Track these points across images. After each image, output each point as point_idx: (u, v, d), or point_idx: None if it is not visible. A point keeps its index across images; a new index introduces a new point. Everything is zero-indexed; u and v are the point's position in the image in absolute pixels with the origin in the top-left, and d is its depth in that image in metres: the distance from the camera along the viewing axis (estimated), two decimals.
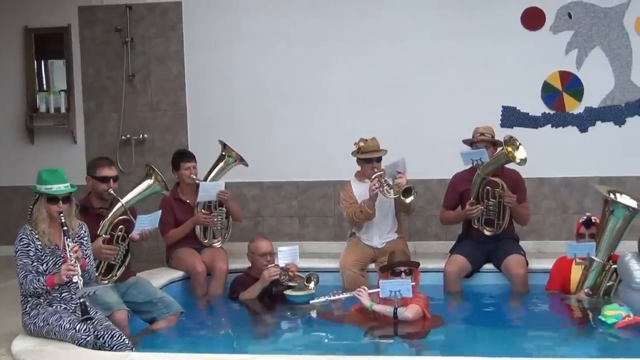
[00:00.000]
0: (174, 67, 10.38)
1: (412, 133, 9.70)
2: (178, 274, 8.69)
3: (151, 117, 10.44)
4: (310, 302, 7.72)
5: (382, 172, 8.43)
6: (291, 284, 8.19)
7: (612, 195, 7.85)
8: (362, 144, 8.63)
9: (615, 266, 7.71)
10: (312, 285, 8.08)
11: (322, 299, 7.67)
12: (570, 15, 9.73)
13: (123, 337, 6.31)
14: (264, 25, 10.17)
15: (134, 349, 6.32)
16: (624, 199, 7.81)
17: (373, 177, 8.42)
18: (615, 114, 9.72)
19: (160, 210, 7.79)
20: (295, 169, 10.11)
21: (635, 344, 6.74)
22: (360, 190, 8.68)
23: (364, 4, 10.01)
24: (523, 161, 8.18)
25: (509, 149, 8.16)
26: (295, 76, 10.12)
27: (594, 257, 7.83)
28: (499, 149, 8.38)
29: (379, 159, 8.62)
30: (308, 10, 10.10)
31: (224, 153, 9.02)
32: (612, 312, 7.02)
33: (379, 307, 7.29)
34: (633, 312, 7.01)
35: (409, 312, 7.20)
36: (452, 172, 8.86)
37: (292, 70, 10.12)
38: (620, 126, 9.74)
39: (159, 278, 8.34)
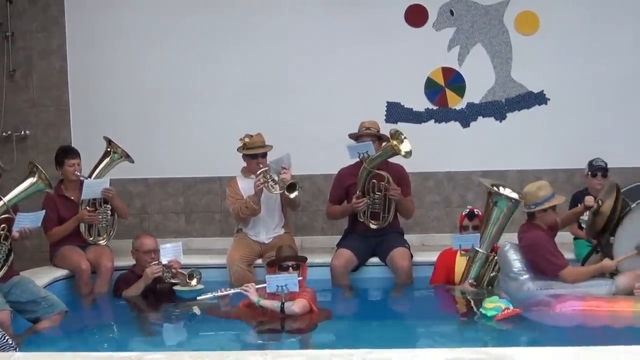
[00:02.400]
0: (56, 62, 10.17)
1: (297, 129, 9.72)
2: (62, 272, 8.56)
3: (33, 113, 10.21)
4: (197, 298, 7.66)
5: (267, 168, 8.46)
6: (174, 281, 8.13)
7: (495, 188, 8.06)
8: (247, 139, 8.64)
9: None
10: (194, 282, 8.04)
11: (209, 295, 7.61)
12: (452, 13, 9.90)
13: (6, 337, 6.16)
14: (148, 21, 10.06)
15: (17, 349, 6.17)
16: (507, 192, 8.04)
17: (258, 172, 8.44)
18: (496, 109, 9.93)
19: (44, 211, 7.65)
20: (181, 165, 10.03)
21: (515, 334, 6.92)
22: (245, 186, 8.69)
23: (250, 2, 9.98)
24: (408, 154, 8.31)
25: (395, 142, 8.29)
26: (180, 72, 10.03)
27: (478, 249, 8.03)
28: (384, 143, 8.50)
29: (264, 155, 8.65)
30: (192, 7, 10.01)
31: (109, 149, 8.91)
32: (492, 305, 7.15)
33: (266, 303, 7.29)
34: (512, 303, 7.18)
35: (296, 306, 7.22)
36: (337, 167, 8.95)
37: (176, 66, 10.03)
38: (501, 121, 9.95)
39: (42, 277, 8.20)
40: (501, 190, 8.08)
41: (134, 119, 10.03)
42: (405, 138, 8.31)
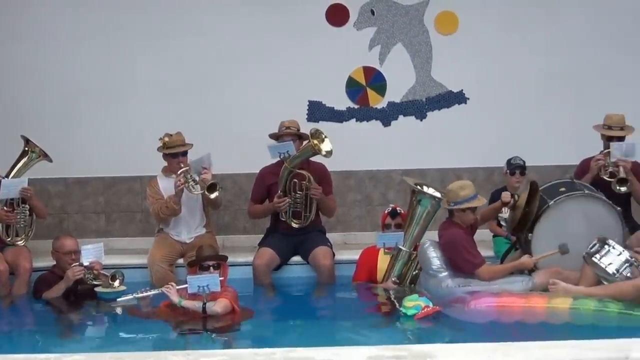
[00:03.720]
0: None
1: (218, 128, 9.69)
2: None
3: None
4: (117, 300, 7.61)
5: (187, 168, 8.43)
6: (96, 282, 8.05)
7: (419, 187, 8.15)
8: (167, 139, 8.60)
9: None
10: (116, 283, 7.96)
11: (129, 296, 7.57)
12: (373, 12, 9.95)
13: None
14: (68, 19, 9.90)
15: None
16: (431, 190, 8.15)
17: (179, 172, 8.41)
18: (416, 108, 10.01)
19: None
20: (101, 164, 9.89)
21: (436, 331, 6.99)
22: (166, 186, 8.64)
23: None
24: (329, 153, 8.36)
25: (315, 141, 8.33)
26: (99, 71, 9.90)
27: (401, 247, 8.10)
28: (304, 142, 8.53)
29: (184, 154, 8.62)
30: (113, 5, 9.89)
31: (27, 149, 8.78)
32: (412, 303, 7.22)
33: (187, 303, 7.26)
34: (432, 301, 7.26)
35: (218, 306, 7.21)
36: (259, 166, 8.96)
37: (96, 64, 9.90)
38: (421, 120, 10.04)
39: None
40: (425, 189, 8.19)
41: (52, 117, 9.87)
42: (325, 137, 8.36)
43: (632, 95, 9.71)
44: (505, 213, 8.46)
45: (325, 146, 8.36)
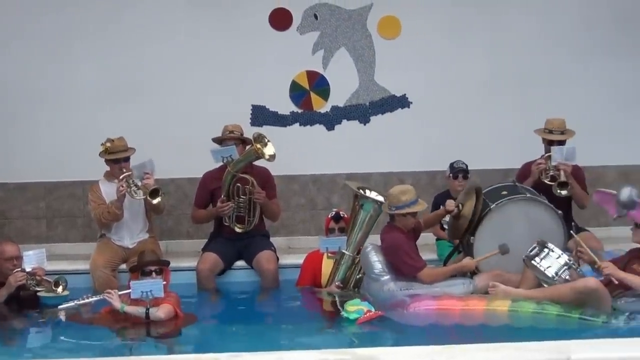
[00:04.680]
0: None
1: (161, 132, 9.64)
2: None
3: None
4: (59, 307, 7.52)
5: (129, 173, 8.37)
6: (39, 288, 7.94)
7: (361, 191, 8.18)
8: (108, 144, 8.54)
9: None
10: (60, 289, 7.86)
11: (71, 303, 7.49)
12: (316, 17, 9.96)
13: None
14: (5, 21, 9.77)
15: None
16: (373, 195, 8.18)
17: (121, 177, 8.35)
18: (360, 112, 10.04)
19: None
20: (42, 169, 9.78)
21: (380, 334, 7.04)
22: (108, 191, 8.58)
23: (111, 0, 9.83)
24: (272, 157, 8.37)
25: (258, 145, 8.33)
26: (39, 74, 9.78)
27: (344, 251, 8.13)
28: (248, 146, 8.53)
29: (126, 159, 8.56)
30: (53, 6, 9.79)
31: None
32: (354, 308, 7.25)
33: (130, 309, 7.22)
34: (374, 306, 7.29)
35: (161, 312, 7.18)
36: (202, 171, 8.93)
37: (36, 67, 9.78)
38: (365, 124, 10.07)
39: None
40: (367, 193, 8.23)
41: None
42: (268, 141, 8.37)
43: (574, 98, 9.84)
44: (448, 216, 8.52)
45: (268, 150, 8.37)
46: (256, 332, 7.29)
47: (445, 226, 8.74)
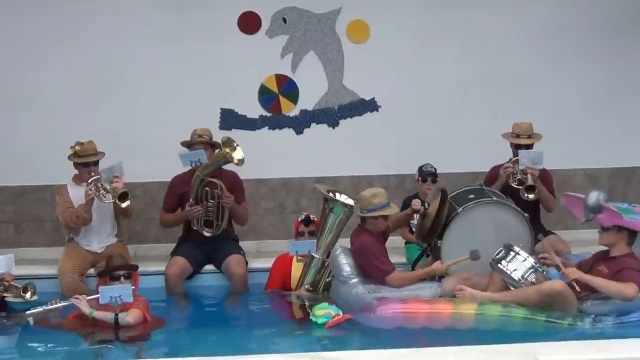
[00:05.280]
0: None
1: (130, 135, 9.58)
2: None
3: None
4: (26, 313, 7.47)
5: (98, 177, 8.34)
6: (7, 294, 7.89)
7: (331, 194, 8.20)
8: (77, 147, 8.50)
9: None
10: (28, 295, 7.80)
11: (39, 309, 7.44)
12: (285, 20, 9.97)
13: None
14: None
15: None
16: (343, 198, 8.21)
17: (89, 181, 8.32)
18: (329, 116, 10.06)
19: None
20: (9, 172, 9.68)
21: (349, 338, 7.07)
22: (77, 194, 8.52)
23: (79, 3, 9.76)
24: (241, 161, 8.38)
25: (227, 149, 8.34)
26: (6, 77, 9.69)
27: (314, 254, 8.15)
28: (217, 150, 8.52)
29: (95, 163, 8.52)
30: (20, 6, 9.72)
31: None
32: (322, 312, 7.28)
33: (99, 314, 7.21)
34: (342, 309, 7.31)
35: (130, 317, 7.18)
36: (171, 175, 8.92)
37: (2, 71, 9.68)
38: (334, 128, 10.09)
39: None
40: (337, 196, 8.25)
41: None
42: (237, 145, 8.38)
43: (542, 103, 9.91)
44: (417, 219, 8.55)
45: (237, 154, 8.38)
46: (225, 336, 7.29)
47: (415, 229, 8.78)
